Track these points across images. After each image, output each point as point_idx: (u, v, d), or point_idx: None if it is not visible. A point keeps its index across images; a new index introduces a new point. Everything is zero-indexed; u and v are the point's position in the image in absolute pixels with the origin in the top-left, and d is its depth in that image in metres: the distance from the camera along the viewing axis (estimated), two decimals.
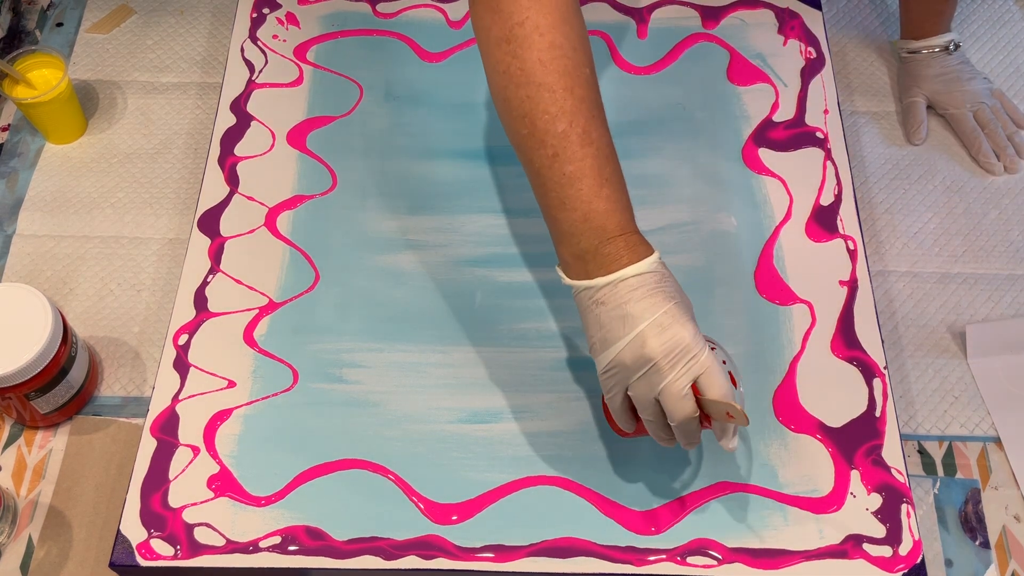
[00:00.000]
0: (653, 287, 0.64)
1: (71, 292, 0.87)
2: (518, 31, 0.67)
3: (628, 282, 0.64)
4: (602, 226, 0.66)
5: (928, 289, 0.88)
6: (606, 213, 0.66)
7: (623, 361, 0.64)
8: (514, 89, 0.67)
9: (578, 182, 0.66)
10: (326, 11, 1.01)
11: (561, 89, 0.66)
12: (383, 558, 0.72)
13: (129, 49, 1.02)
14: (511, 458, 0.77)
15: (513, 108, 0.68)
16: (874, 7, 1.07)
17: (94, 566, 0.75)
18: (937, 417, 0.82)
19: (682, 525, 0.74)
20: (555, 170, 0.67)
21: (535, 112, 0.67)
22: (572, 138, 0.66)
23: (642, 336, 0.63)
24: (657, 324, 0.63)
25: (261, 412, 0.78)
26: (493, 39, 0.68)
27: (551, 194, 0.67)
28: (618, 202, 0.67)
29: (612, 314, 0.64)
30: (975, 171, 0.95)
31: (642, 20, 1.01)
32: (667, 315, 0.64)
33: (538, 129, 0.67)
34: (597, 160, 0.67)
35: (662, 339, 0.63)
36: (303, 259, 0.86)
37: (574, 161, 0.66)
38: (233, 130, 0.92)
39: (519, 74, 0.67)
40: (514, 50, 0.67)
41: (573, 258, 0.67)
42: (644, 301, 0.64)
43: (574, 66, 0.67)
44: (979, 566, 0.76)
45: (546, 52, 0.67)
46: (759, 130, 0.93)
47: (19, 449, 0.80)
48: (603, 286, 0.65)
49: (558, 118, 0.66)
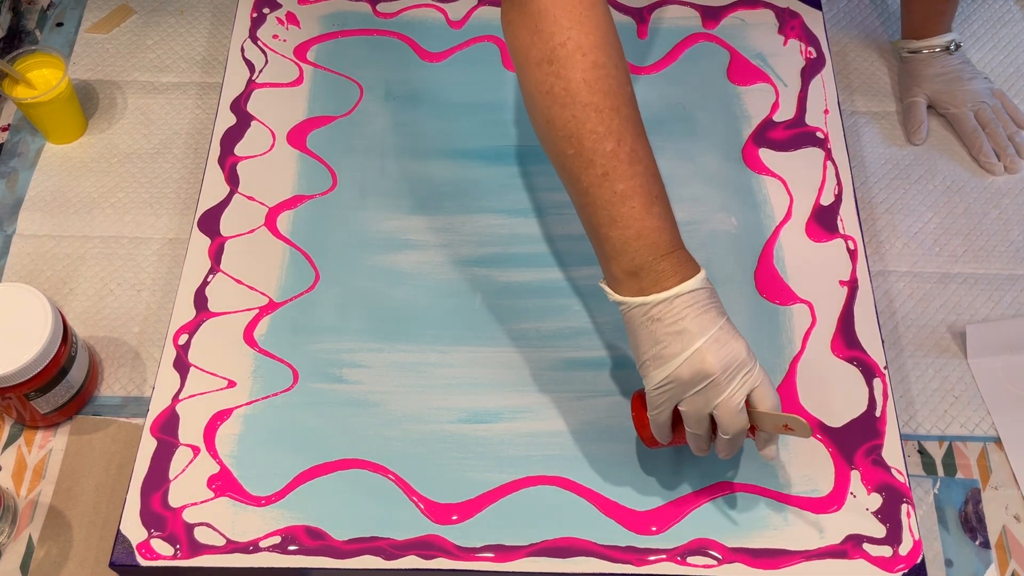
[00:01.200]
0: (706, 303, 0.65)
1: (71, 292, 0.87)
2: (560, 52, 0.67)
3: (683, 298, 0.65)
4: (655, 243, 0.66)
5: (928, 289, 0.88)
6: (658, 230, 0.67)
7: (680, 376, 0.65)
8: (559, 110, 0.67)
9: (630, 200, 0.67)
10: (326, 11, 1.01)
11: (608, 109, 0.67)
12: (383, 558, 0.72)
13: (129, 49, 1.02)
14: (511, 458, 0.77)
15: (558, 128, 0.68)
16: (874, 7, 1.07)
17: (94, 566, 0.75)
18: (937, 417, 0.82)
19: (682, 525, 0.74)
20: (605, 189, 0.67)
21: (582, 132, 0.67)
22: (621, 157, 0.67)
23: (700, 352, 0.64)
24: (715, 340, 0.64)
25: (261, 412, 0.78)
26: (533, 60, 0.68)
27: (601, 212, 0.67)
28: (668, 219, 0.68)
29: (669, 330, 0.65)
30: (975, 171, 0.95)
31: (642, 20, 1.01)
32: (723, 331, 0.65)
33: (586, 149, 0.67)
34: (646, 179, 0.67)
35: (720, 354, 0.64)
36: (303, 259, 0.86)
37: (624, 180, 0.67)
38: (233, 130, 0.92)
39: (563, 94, 0.67)
40: (557, 71, 0.67)
41: (625, 275, 0.67)
42: (701, 317, 0.65)
43: (618, 85, 0.68)
44: (979, 566, 0.76)
45: (590, 72, 0.67)
46: (759, 130, 0.93)
47: (19, 449, 0.80)
48: (659, 302, 0.65)
49: (606, 138, 0.66)
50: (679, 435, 0.70)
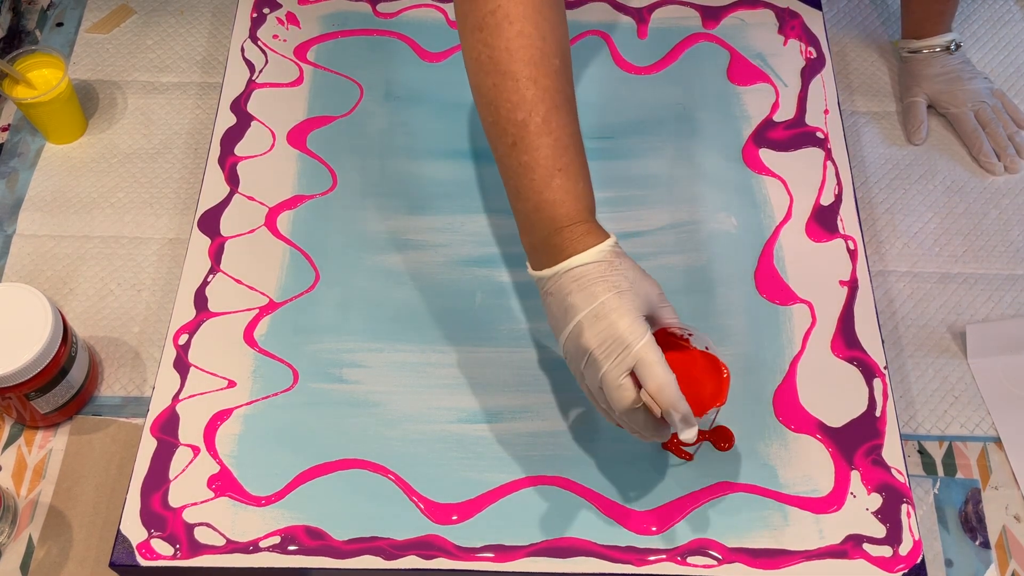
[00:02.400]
0: (595, 277, 0.64)
1: (71, 292, 0.87)
2: (490, 19, 0.67)
3: (571, 272, 0.65)
4: (551, 216, 0.66)
5: (928, 289, 0.88)
6: (555, 203, 0.66)
7: (568, 351, 0.66)
8: (483, 77, 0.68)
9: (531, 172, 0.67)
10: (326, 11, 1.01)
11: (524, 78, 0.67)
12: (383, 558, 0.72)
13: (129, 49, 1.02)
14: (511, 458, 0.77)
15: (481, 95, 0.69)
16: (874, 7, 1.07)
17: (94, 566, 0.75)
18: (937, 417, 0.82)
19: (682, 525, 0.74)
20: (513, 159, 0.67)
21: (499, 100, 0.67)
22: (530, 127, 0.66)
23: (579, 326, 0.64)
24: (592, 315, 0.64)
25: (261, 412, 0.78)
26: (468, 27, 0.69)
27: (510, 183, 0.68)
28: (570, 192, 0.67)
29: (558, 305, 0.66)
30: (975, 171, 0.95)
31: (642, 20, 1.01)
32: (603, 305, 0.63)
33: (500, 117, 0.67)
34: (554, 150, 0.67)
35: (595, 330, 0.63)
36: (303, 259, 0.86)
37: (529, 151, 0.67)
38: (233, 130, 0.92)
39: (488, 62, 0.68)
40: (485, 38, 0.68)
41: (530, 248, 0.68)
42: (584, 292, 0.64)
43: (541, 56, 0.67)
44: (979, 566, 0.76)
45: (514, 40, 0.67)
46: (759, 130, 0.93)
47: (19, 449, 0.80)
48: (550, 277, 0.66)
49: (518, 107, 0.67)
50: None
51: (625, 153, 0.92)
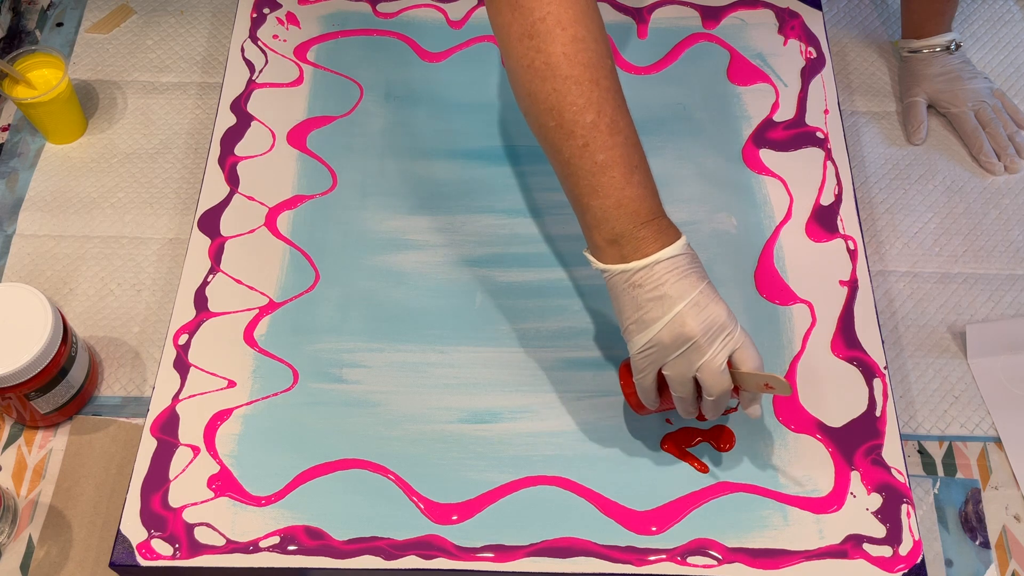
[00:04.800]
0: (686, 269, 0.67)
1: (71, 292, 0.87)
2: (540, 26, 0.68)
3: (663, 264, 0.67)
4: (635, 211, 0.68)
5: (928, 289, 0.88)
6: (638, 199, 0.68)
7: (662, 341, 0.67)
8: (540, 83, 0.69)
9: (610, 170, 0.68)
10: (326, 11, 1.01)
11: (587, 81, 0.68)
12: (383, 558, 0.72)
13: (129, 49, 1.02)
14: (511, 458, 0.77)
15: (540, 102, 0.69)
16: (874, 7, 1.07)
17: (94, 566, 0.75)
18: (937, 417, 0.82)
19: (682, 525, 0.74)
20: (586, 159, 0.68)
21: (563, 104, 0.68)
22: (601, 128, 0.68)
23: (681, 316, 0.66)
24: (694, 304, 0.66)
25: (261, 412, 0.78)
26: (515, 35, 0.69)
27: (582, 182, 0.69)
28: (648, 188, 0.69)
29: (649, 295, 0.67)
30: (975, 171, 0.95)
31: (642, 20, 1.01)
32: (702, 295, 0.66)
33: (566, 120, 0.68)
34: (626, 148, 0.68)
35: (700, 318, 0.66)
36: (303, 259, 0.86)
37: (605, 150, 0.68)
38: (233, 130, 0.92)
39: (544, 68, 0.68)
40: (537, 45, 0.68)
41: (606, 243, 0.69)
42: (680, 282, 0.66)
43: (598, 58, 0.69)
44: (979, 566, 0.76)
45: (570, 45, 0.68)
46: (759, 130, 0.93)
47: (19, 449, 0.80)
48: (639, 269, 0.67)
49: (586, 109, 0.68)
50: (666, 400, 0.71)
51: None
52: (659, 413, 0.75)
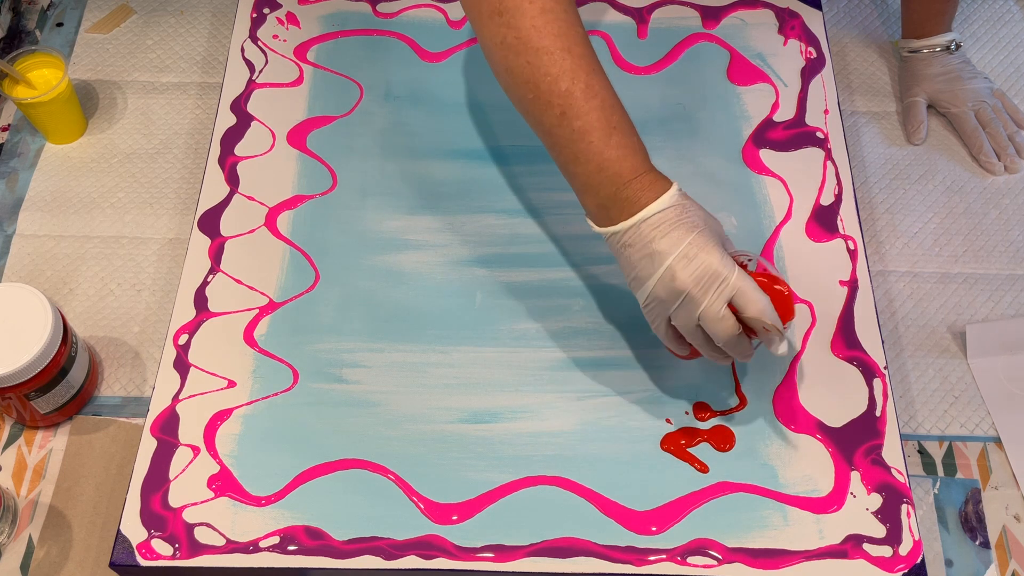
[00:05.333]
0: (674, 221, 0.68)
1: (71, 292, 0.87)
2: (508, 2, 0.69)
3: (650, 221, 0.68)
4: (617, 173, 0.69)
5: (928, 289, 0.88)
6: (618, 160, 0.69)
7: (658, 296, 0.69)
8: (514, 58, 0.70)
9: (587, 135, 0.69)
10: (326, 11, 1.01)
11: (559, 50, 0.69)
12: (383, 558, 0.72)
13: (129, 49, 1.02)
14: (511, 458, 0.77)
15: (516, 76, 0.70)
16: (874, 7, 1.07)
17: (94, 566, 0.75)
18: (937, 417, 0.82)
19: (682, 525, 0.74)
20: (564, 127, 0.70)
21: (537, 76, 0.69)
22: (576, 94, 0.69)
23: (671, 270, 0.67)
24: (683, 256, 0.67)
25: (261, 412, 0.78)
26: (485, 14, 0.71)
27: (564, 151, 0.70)
28: (627, 147, 0.70)
29: (640, 253, 0.68)
30: (975, 171, 0.95)
31: (642, 20, 1.01)
32: (691, 246, 0.67)
33: (543, 91, 0.69)
34: (603, 111, 0.69)
35: (689, 270, 0.67)
36: (303, 259, 0.86)
37: (581, 116, 0.69)
38: (233, 130, 0.92)
39: (516, 43, 0.70)
40: (507, 21, 0.69)
41: (597, 208, 0.71)
42: (668, 236, 0.67)
43: (568, 26, 0.70)
44: (979, 566, 0.76)
45: (539, 18, 0.69)
46: (759, 130, 0.93)
47: (19, 449, 0.80)
48: (627, 229, 0.69)
49: (560, 78, 0.69)
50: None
51: None
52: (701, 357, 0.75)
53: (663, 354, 0.81)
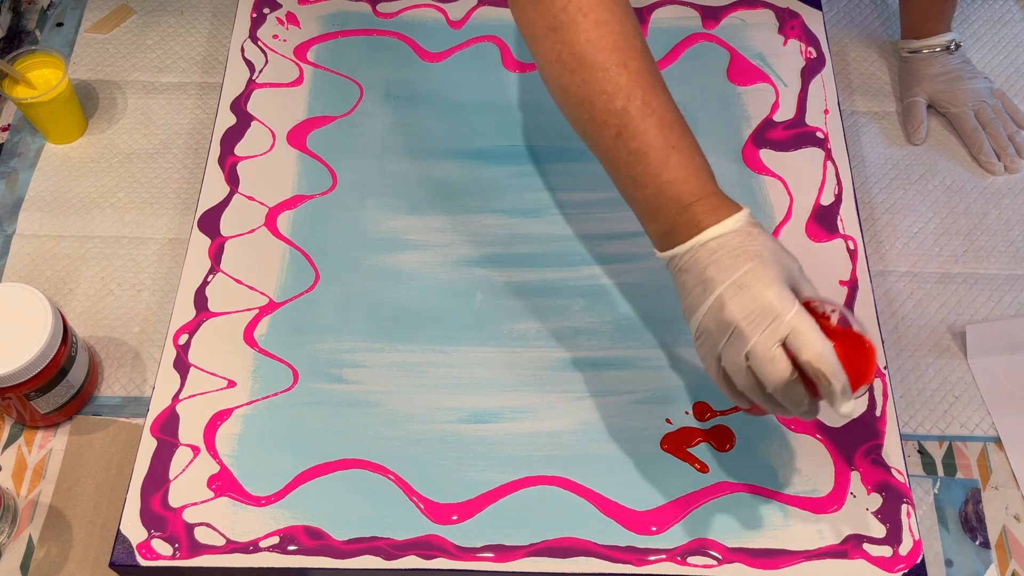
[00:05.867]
0: (735, 248, 0.62)
1: (71, 292, 0.87)
2: (562, 17, 0.66)
3: (708, 246, 0.63)
4: (676, 195, 0.65)
5: (928, 289, 0.88)
6: (678, 181, 0.65)
7: (708, 327, 0.63)
8: (568, 76, 0.67)
9: (645, 157, 0.65)
10: (326, 11, 1.01)
11: (614, 66, 0.66)
12: (383, 558, 0.72)
13: (129, 49, 1.02)
14: (511, 458, 0.77)
15: (571, 95, 0.67)
16: (874, 7, 1.07)
17: (94, 566, 0.75)
18: (937, 417, 0.82)
19: (682, 525, 0.74)
20: (620, 149, 0.66)
21: (592, 95, 0.66)
22: (632, 113, 0.65)
23: (720, 299, 0.61)
24: (735, 285, 0.61)
25: (261, 412, 0.78)
26: (540, 31, 0.68)
27: (623, 174, 0.67)
28: (687, 168, 0.66)
29: (695, 280, 0.63)
30: (975, 171, 0.95)
31: (642, 20, 1.01)
32: (748, 274, 0.61)
33: (598, 111, 0.66)
34: (661, 130, 0.66)
35: (740, 300, 0.61)
36: (303, 259, 0.86)
37: (637, 136, 0.65)
38: (233, 130, 0.92)
39: (571, 59, 0.66)
40: (562, 37, 0.67)
41: (657, 233, 0.67)
42: (722, 263, 0.62)
43: (623, 40, 0.66)
44: (979, 566, 0.76)
45: (593, 31, 0.66)
46: (759, 130, 0.93)
47: (19, 449, 0.80)
48: (684, 253, 0.64)
49: (615, 96, 0.66)
50: None
51: None
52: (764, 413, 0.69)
53: (663, 354, 0.81)
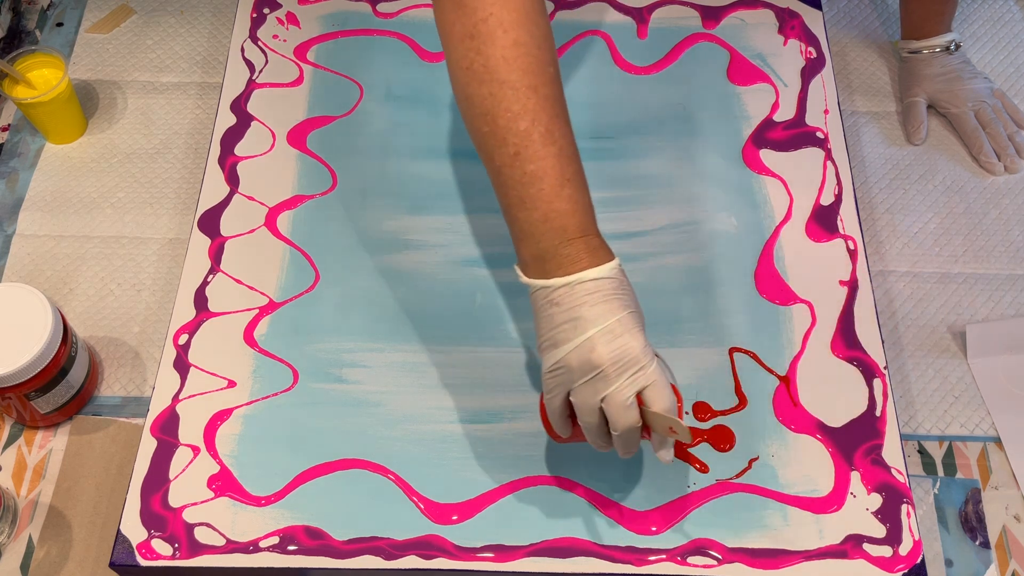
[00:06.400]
0: (609, 294, 0.64)
1: (71, 292, 0.87)
2: (482, 27, 0.66)
3: (585, 285, 0.64)
4: (563, 227, 0.65)
5: (928, 289, 0.88)
6: (567, 214, 0.65)
7: (569, 364, 0.64)
8: (476, 86, 0.67)
9: (539, 181, 0.65)
10: (326, 11, 1.01)
11: (524, 87, 0.66)
12: (383, 558, 0.72)
13: (129, 49, 1.02)
14: (511, 458, 0.77)
15: (475, 105, 0.67)
16: (874, 7, 1.07)
17: (94, 566, 0.75)
18: (937, 417, 0.82)
19: (682, 525, 0.74)
20: (516, 169, 0.66)
21: (497, 110, 0.66)
22: (534, 137, 0.65)
23: (591, 341, 0.63)
24: (608, 331, 0.63)
25: (261, 412, 0.78)
26: (456, 35, 0.68)
27: (511, 193, 0.67)
28: (579, 203, 0.66)
29: (565, 316, 0.64)
30: (975, 171, 0.95)
31: (642, 20, 1.01)
32: (620, 323, 0.63)
33: (499, 127, 0.66)
34: (559, 160, 0.66)
35: (611, 347, 0.62)
36: (303, 259, 0.86)
37: (535, 160, 0.65)
38: (233, 130, 0.92)
39: (482, 71, 0.66)
40: (477, 46, 0.66)
41: (532, 258, 0.66)
42: (598, 307, 0.63)
43: (538, 64, 0.67)
44: (979, 566, 0.76)
45: (510, 49, 0.66)
46: (759, 130, 0.93)
47: (19, 449, 0.80)
48: (559, 287, 0.64)
49: (520, 116, 0.65)
50: (579, 429, 0.68)
51: (625, 153, 0.92)
52: (578, 443, 0.71)
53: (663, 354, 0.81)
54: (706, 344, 0.82)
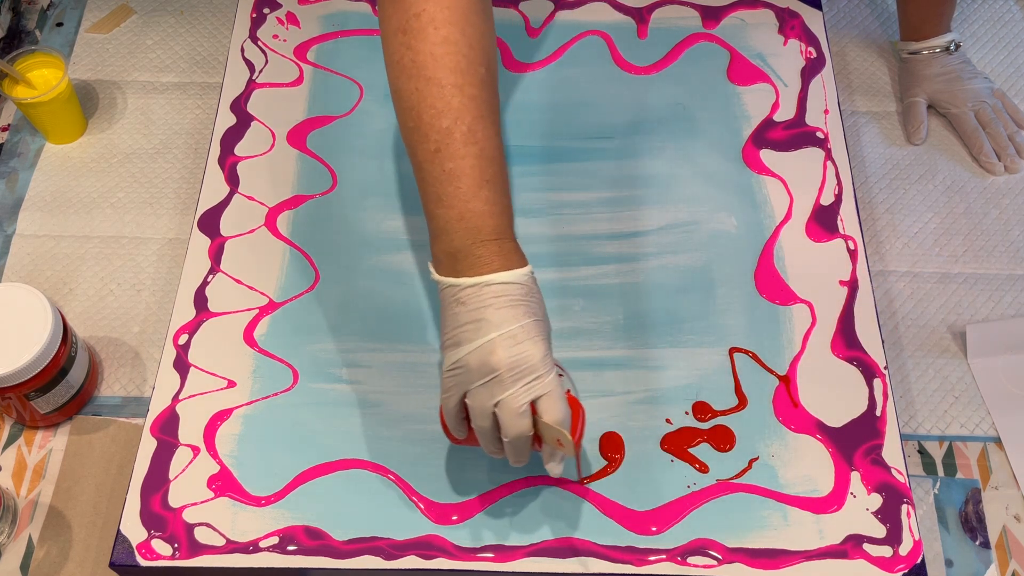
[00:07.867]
0: (516, 299, 0.64)
1: (71, 292, 0.87)
2: (414, 23, 0.67)
3: (493, 288, 0.64)
4: (477, 227, 0.65)
5: (928, 289, 0.88)
6: (483, 215, 0.66)
7: (468, 364, 0.64)
8: (405, 81, 0.67)
9: (457, 180, 0.66)
10: (326, 11, 1.01)
11: (450, 85, 0.66)
12: (383, 558, 0.72)
13: (129, 49, 1.02)
14: None
15: (402, 99, 0.68)
16: (874, 7, 1.07)
17: (94, 566, 0.75)
18: (937, 417, 0.82)
19: (682, 525, 0.74)
20: (436, 166, 0.66)
21: (422, 106, 0.66)
22: (455, 135, 0.66)
23: (492, 344, 0.63)
24: (510, 336, 0.63)
25: (261, 412, 0.78)
26: (391, 30, 0.68)
27: (430, 189, 0.67)
28: (496, 204, 0.66)
29: (469, 316, 0.64)
30: (975, 171, 0.95)
31: (642, 20, 1.01)
32: (523, 329, 0.63)
33: (423, 123, 0.66)
34: (479, 160, 0.66)
35: (511, 352, 0.62)
36: (303, 259, 0.86)
37: (455, 159, 0.66)
38: (233, 130, 0.92)
39: (411, 66, 0.67)
40: (408, 41, 0.67)
41: (445, 255, 0.67)
42: (504, 311, 0.63)
43: (467, 64, 0.67)
44: (979, 566, 0.76)
45: (439, 47, 0.66)
46: (759, 130, 0.93)
47: (19, 449, 0.80)
48: (467, 287, 0.64)
49: (443, 114, 0.66)
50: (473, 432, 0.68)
51: (625, 153, 0.92)
52: (474, 446, 0.70)
53: (663, 354, 0.81)
54: (706, 344, 0.82)
